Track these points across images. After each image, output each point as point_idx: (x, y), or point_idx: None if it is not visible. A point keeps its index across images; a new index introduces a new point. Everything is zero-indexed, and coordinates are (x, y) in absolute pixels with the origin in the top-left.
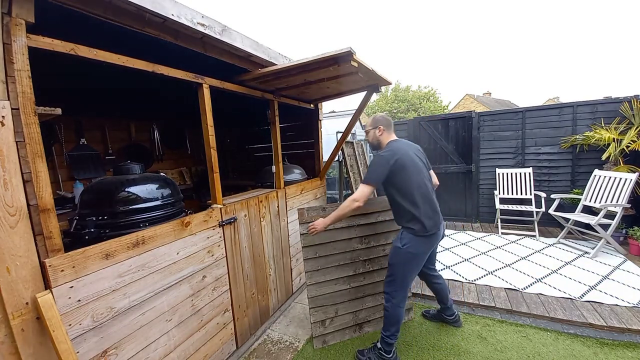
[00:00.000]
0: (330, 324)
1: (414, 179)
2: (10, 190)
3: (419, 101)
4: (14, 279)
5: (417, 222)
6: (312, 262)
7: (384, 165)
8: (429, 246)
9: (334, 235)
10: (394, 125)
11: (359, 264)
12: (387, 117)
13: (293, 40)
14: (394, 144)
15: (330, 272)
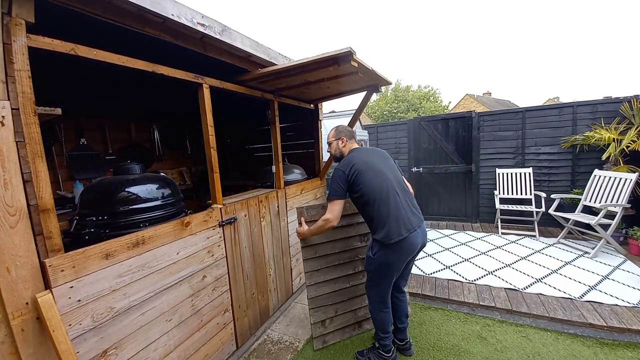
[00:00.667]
0: (331, 324)
1: (373, 184)
2: (10, 190)
3: (419, 101)
4: (14, 279)
5: (381, 230)
6: (312, 262)
7: (340, 177)
8: (399, 254)
9: (333, 234)
10: (393, 126)
11: (357, 262)
12: (349, 128)
13: (293, 40)
14: (351, 154)
15: (330, 271)
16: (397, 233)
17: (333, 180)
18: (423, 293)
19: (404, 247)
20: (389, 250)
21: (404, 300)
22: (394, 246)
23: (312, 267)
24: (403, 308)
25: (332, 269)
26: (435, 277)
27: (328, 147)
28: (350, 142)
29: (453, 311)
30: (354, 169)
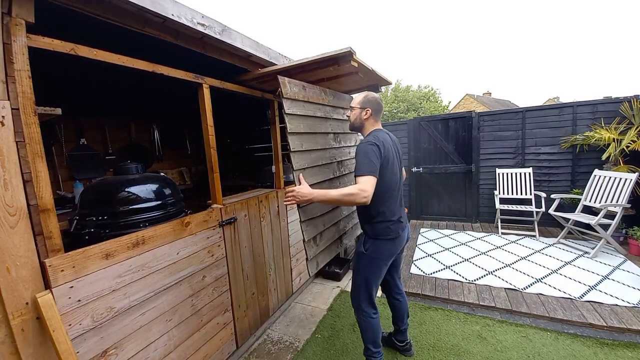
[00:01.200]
0: (320, 240)
1: (391, 178)
2: (10, 190)
3: (419, 101)
4: (14, 279)
5: (382, 224)
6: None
7: (376, 152)
8: (393, 250)
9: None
10: (393, 126)
11: (334, 165)
12: (380, 102)
13: (293, 40)
14: (380, 134)
15: (315, 174)
16: (396, 230)
17: (364, 154)
18: (423, 293)
19: (398, 243)
20: (387, 244)
21: (404, 300)
22: (393, 241)
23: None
24: (404, 308)
25: (316, 172)
26: (435, 277)
27: (349, 112)
28: (375, 117)
29: (453, 311)
30: (385, 153)
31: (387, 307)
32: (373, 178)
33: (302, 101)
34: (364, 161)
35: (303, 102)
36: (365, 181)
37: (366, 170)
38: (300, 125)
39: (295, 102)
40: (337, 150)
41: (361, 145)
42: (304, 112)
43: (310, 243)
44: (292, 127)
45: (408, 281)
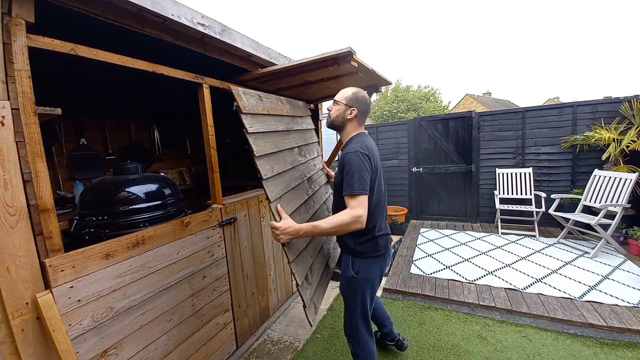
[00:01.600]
0: (312, 276)
1: (379, 190)
2: (10, 190)
3: (419, 101)
4: (14, 279)
5: (372, 241)
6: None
7: (367, 164)
8: (383, 266)
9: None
10: (393, 126)
11: (306, 184)
12: (369, 104)
13: (293, 40)
14: (368, 141)
15: (292, 200)
16: (385, 245)
17: (356, 168)
18: (423, 293)
19: (387, 259)
20: (375, 264)
21: (380, 305)
22: (382, 257)
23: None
24: (382, 312)
25: (291, 195)
26: (435, 277)
27: (330, 105)
28: (360, 120)
29: (453, 311)
30: (375, 163)
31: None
32: (366, 198)
33: (262, 115)
34: (355, 176)
35: (263, 115)
36: (358, 203)
37: (358, 189)
38: (266, 145)
39: (255, 117)
40: (305, 166)
41: (351, 156)
42: (267, 128)
43: (304, 284)
44: (259, 149)
45: (408, 281)
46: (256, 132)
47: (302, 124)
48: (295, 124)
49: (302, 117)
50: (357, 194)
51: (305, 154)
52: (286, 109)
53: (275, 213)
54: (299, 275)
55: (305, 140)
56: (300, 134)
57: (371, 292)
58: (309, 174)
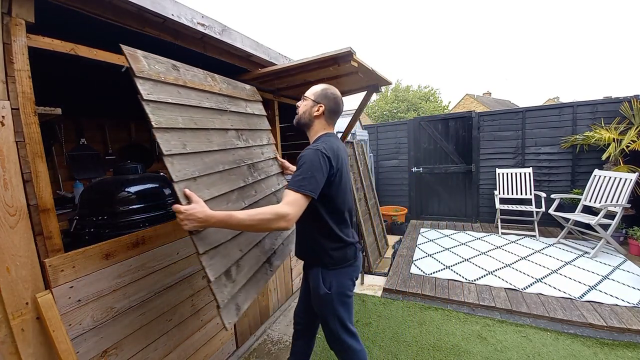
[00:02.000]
0: (238, 272)
1: (345, 197)
2: (10, 190)
3: (419, 101)
4: (14, 279)
5: (341, 251)
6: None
7: (325, 165)
8: (355, 274)
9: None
10: (393, 126)
11: (244, 170)
12: (340, 103)
13: (293, 40)
14: (334, 142)
15: (216, 184)
16: (353, 253)
17: (309, 165)
18: (423, 293)
19: (357, 267)
20: (346, 274)
21: (312, 346)
22: (350, 267)
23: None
24: (310, 352)
25: (217, 181)
26: (435, 277)
27: (300, 101)
28: (328, 120)
29: (453, 311)
30: (339, 167)
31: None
32: (305, 199)
33: (174, 85)
34: (303, 174)
35: (176, 86)
36: (294, 201)
37: (299, 186)
38: (177, 118)
39: (161, 86)
40: (245, 151)
41: (308, 152)
42: (181, 101)
43: (222, 281)
44: (163, 121)
45: (408, 281)
46: (160, 102)
47: (247, 108)
48: (235, 106)
49: (247, 100)
50: (296, 190)
51: (248, 139)
52: (219, 87)
53: (181, 196)
54: (212, 270)
55: (250, 125)
56: (242, 117)
57: (348, 304)
58: (251, 161)
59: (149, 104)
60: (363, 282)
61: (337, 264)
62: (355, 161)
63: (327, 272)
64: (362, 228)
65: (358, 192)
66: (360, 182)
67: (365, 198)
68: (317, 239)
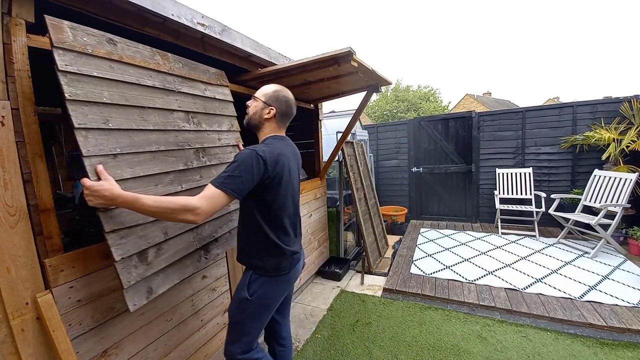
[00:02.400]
0: (157, 257)
1: (283, 203)
2: (10, 190)
3: (419, 101)
4: (14, 279)
5: (275, 259)
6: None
7: (257, 167)
8: (286, 287)
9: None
10: (393, 126)
11: (189, 153)
12: (292, 106)
13: (293, 40)
14: (279, 145)
15: (143, 164)
16: (289, 264)
17: (238, 164)
18: (423, 293)
19: (292, 278)
20: (276, 286)
21: (290, 347)
22: (281, 279)
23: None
24: (287, 356)
25: (150, 161)
26: (435, 277)
27: (251, 100)
28: (279, 124)
29: (453, 311)
30: (277, 171)
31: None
32: (225, 197)
33: (105, 59)
34: (230, 172)
35: (109, 60)
36: (211, 196)
37: (221, 183)
38: (104, 92)
39: (88, 59)
40: (193, 134)
41: (244, 151)
42: (113, 76)
43: (131, 262)
44: (81, 94)
45: (408, 281)
46: (80, 74)
47: (206, 92)
48: (189, 87)
49: (207, 83)
50: (217, 186)
51: (202, 123)
52: (170, 67)
53: (91, 172)
54: (119, 250)
55: (206, 109)
56: (197, 100)
57: (267, 316)
58: (200, 145)
59: (65, 75)
60: (363, 282)
61: (268, 272)
62: (355, 161)
63: (256, 278)
64: (362, 228)
65: (358, 192)
66: (360, 182)
67: (365, 198)
68: (252, 242)
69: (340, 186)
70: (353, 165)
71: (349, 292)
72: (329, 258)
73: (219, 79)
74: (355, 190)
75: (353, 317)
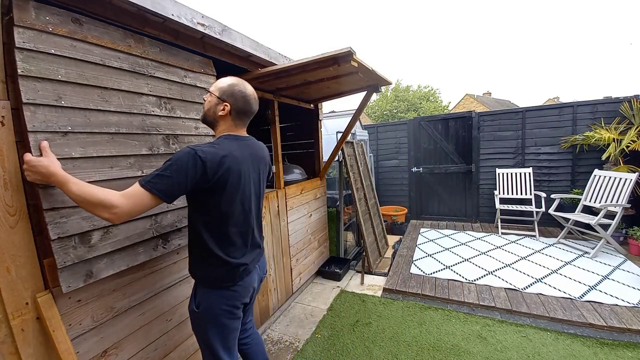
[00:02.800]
0: (105, 239)
1: (236, 207)
2: (10, 190)
3: (419, 101)
4: (14, 279)
5: (216, 269)
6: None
7: (190, 174)
8: (238, 299)
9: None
10: (393, 126)
11: (155, 139)
12: (250, 102)
13: (293, 40)
14: (230, 145)
15: (97, 145)
16: (236, 275)
17: (172, 162)
18: (423, 293)
19: (243, 291)
20: (221, 299)
21: (256, 341)
22: (226, 293)
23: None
24: (257, 350)
25: (107, 146)
26: (435, 277)
27: (206, 95)
28: (235, 121)
29: (453, 311)
30: (224, 176)
31: None
32: (150, 198)
33: (67, 38)
34: (161, 170)
35: (71, 39)
36: (133, 194)
37: (148, 181)
38: (60, 70)
39: (48, 37)
40: (165, 120)
41: (182, 150)
42: (73, 55)
43: (70, 242)
44: (34, 70)
45: (408, 281)
46: (37, 51)
47: (186, 79)
48: (165, 73)
49: (189, 70)
50: (142, 185)
51: (176, 110)
52: (143, 50)
53: (34, 147)
54: (57, 229)
55: (183, 96)
56: (173, 85)
57: (221, 332)
58: (172, 132)
59: (22, 52)
60: (363, 282)
61: (208, 284)
62: (355, 161)
63: (200, 289)
64: (362, 228)
65: (358, 192)
66: (360, 182)
67: (365, 198)
68: (193, 252)
69: (340, 186)
70: (353, 165)
71: (349, 292)
72: (329, 258)
73: (204, 67)
74: (355, 190)
75: (353, 317)
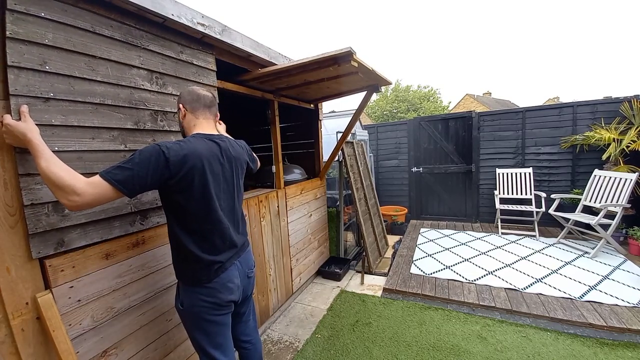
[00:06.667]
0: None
1: (208, 204)
2: (10, 190)
3: (419, 101)
4: (14, 279)
5: (192, 266)
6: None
7: (152, 169)
8: (218, 296)
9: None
10: (393, 126)
11: (142, 114)
12: (193, 90)
13: (293, 40)
14: (192, 143)
15: (77, 114)
16: (211, 273)
17: (139, 157)
18: (423, 293)
19: (220, 289)
20: (196, 295)
21: (256, 346)
22: (204, 290)
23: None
24: (255, 356)
25: (89, 115)
26: (435, 277)
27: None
28: (197, 114)
29: (453, 311)
30: (188, 173)
31: None
32: (110, 190)
33: (59, 1)
34: (124, 162)
35: (63, 3)
36: (95, 184)
37: (108, 172)
38: (48, 34)
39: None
40: (155, 96)
41: (149, 145)
42: (63, 19)
43: (43, 210)
44: (22, 32)
45: (408, 281)
46: (27, 13)
47: (182, 54)
48: (160, 47)
49: (185, 46)
50: (102, 175)
51: (168, 86)
52: (136, 20)
53: (15, 111)
54: (30, 195)
55: (177, 73)
56: (167, 60)
57: (206, 329)
58: (161, 108)
59: (12, 14)
60: (363, 282)
61: (186, 281)
62: (355, 161)
63: (181, 286)
64: (362, 228)
65: (358, 192)
66: (360, 182)
67: (365, 198)
68: (172, 249)
69: (340, 186)
70: (353, 165)
71: (349, 292)
72: (329, 258)
73: (203, 45)
74: (355, 190)
75: (353, 317)
